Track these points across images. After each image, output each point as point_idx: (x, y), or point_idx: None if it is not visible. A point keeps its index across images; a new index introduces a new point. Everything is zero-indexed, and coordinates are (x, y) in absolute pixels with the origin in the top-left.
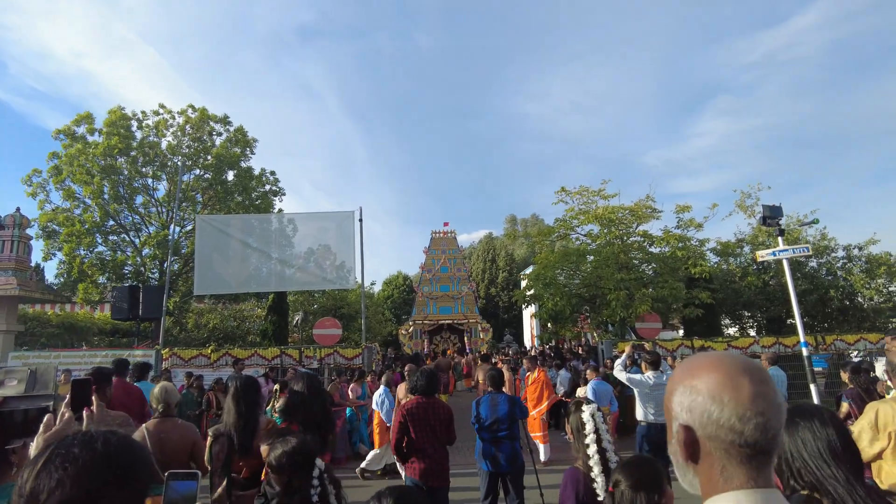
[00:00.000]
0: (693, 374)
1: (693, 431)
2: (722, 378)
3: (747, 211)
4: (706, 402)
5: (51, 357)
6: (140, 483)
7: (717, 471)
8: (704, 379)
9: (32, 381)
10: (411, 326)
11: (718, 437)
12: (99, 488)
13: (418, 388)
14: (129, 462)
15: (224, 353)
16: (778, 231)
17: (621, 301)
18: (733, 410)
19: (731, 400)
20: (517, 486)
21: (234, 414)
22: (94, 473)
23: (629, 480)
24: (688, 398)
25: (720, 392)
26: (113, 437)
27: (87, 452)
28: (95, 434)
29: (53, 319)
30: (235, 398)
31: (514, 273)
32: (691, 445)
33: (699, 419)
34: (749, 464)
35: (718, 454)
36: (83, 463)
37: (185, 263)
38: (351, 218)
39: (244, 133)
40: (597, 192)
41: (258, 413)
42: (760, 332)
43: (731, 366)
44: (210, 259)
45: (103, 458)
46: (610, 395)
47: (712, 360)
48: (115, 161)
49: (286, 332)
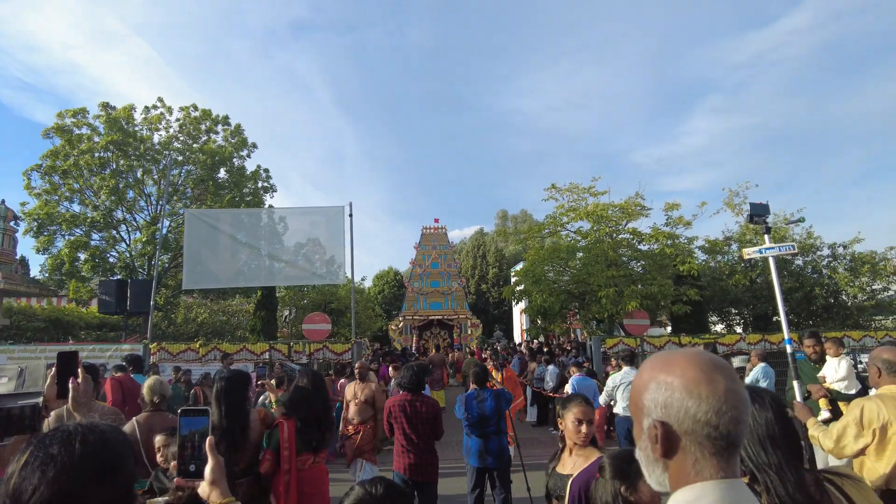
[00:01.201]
0: (667, 371)
1: (670, 427)
2: (697, 374)
3: (735, 209)
4: (683, 398)
5: (37, 351)
6: (122, 479)
7: (689, 464)
8: (679, 375)
9: (22, 378)
10: (401, 322)
11: (695, 431)
12: (80, 488)
13: (404, 385)
14: (109, 459)
15: (213, 348)
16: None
17: (610, 298)
18: (711, 405)
19: (709, 395)
20: (504, 480)
21: (217, 416)
22: (73, 473)
23: (611, 470)
24: (662, 394)
25: (697, 388)
26: (91, 435)
27: (66, 452)
28: (74, 432)
29: (40, 313)
30: (217, 399)
31: (504, 269)
32: (668, 441)
33: (676, 414)
34: (720, 455)
35: (693, 448)
36: (62, 464)
37: (174, 258)
38: (341, 213)
39: (241, 132)
40: (587, 189)
41: (246, 410)
42: (747, 329)
43: (704, 362)
44: (199, 254)
45: (82, 457)
46: (594, 390)
47: (685, 357)
48: (110, 155)
49: (275, 327)
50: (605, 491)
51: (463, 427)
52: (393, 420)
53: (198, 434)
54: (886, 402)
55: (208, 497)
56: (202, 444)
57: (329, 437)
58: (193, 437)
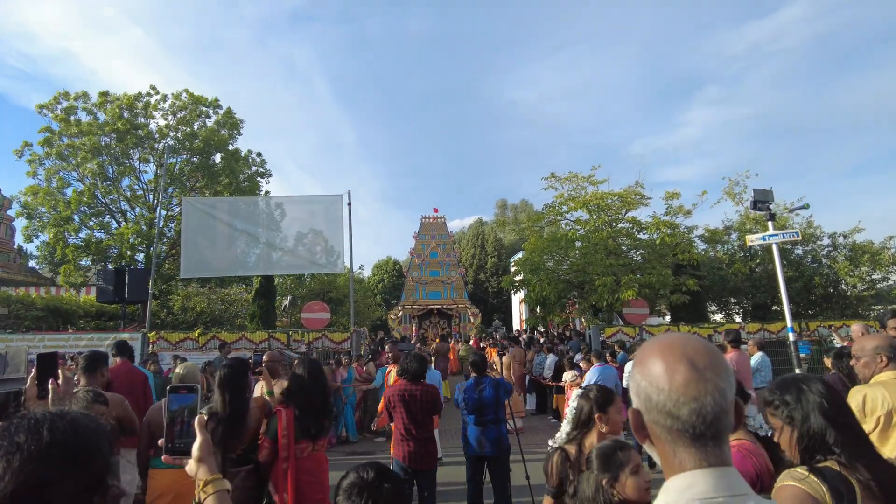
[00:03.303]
0: (642, 360)
1: (640, 415)
2: (661, 364)
3: (735, 198)
4: (647, 388)
5: (35, 340)
6: (95, 466)
7: (669, 454)
8: (648, 365)
9: (3, 364)
10: (400, 311)
11: (659, 421)
12: (47, 477)
13: (405, 372)
14: (79, 447)
15: (211, 337)
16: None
17: (608, 287)
18: (668, 396)
19: (666, 385)
20: (503, 468)
21: (221, 403)
22: (40, 462)
23: (596, 463)
24: (635, 383)
25: (658, 378)
26: (60, 422)
27: (33, 440)
28: (42, 419)
29: (38, 302)
30: (222, 387)
31: (503, 259)
32: (641, 429)
33: (644, 404)
34: (695, 446)
35: (664, 437)
36: (28, 452)
37: (171, 246)
38: (339, 201)
39: (232, 115)
40: (586, 179)
41: (246, 398)
42: (746, 318)
43: (671, 351)
44: (196, 242)
45: (50, 445)
46: (615, 379)
47: (656, 347)
48: (107, 140)
49: (274, 316)
50: (589, 484)
51: (462, 415)
52: (392, 408)
53: (186, 410)
54: (890, 389)
55: (195, 474)
56: (191, 420)
57: (328, 426)
58: (182, 413)
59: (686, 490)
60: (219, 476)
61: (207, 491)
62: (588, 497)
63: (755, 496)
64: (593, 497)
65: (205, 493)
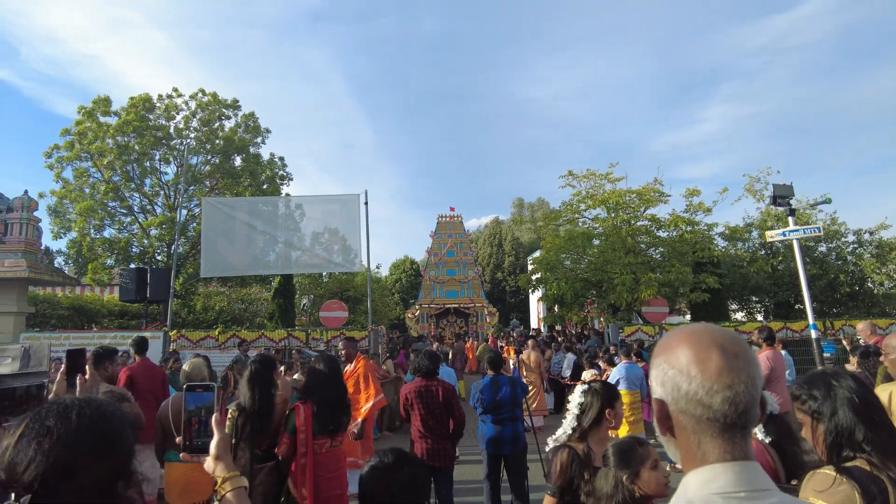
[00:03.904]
0: (667, 349)
1: (666, 405)
2: (691, 352)
3: (756, 195)
4: (676, 376)
5: (61, 338)
6: (120, 452)
7: (693, 445)
8: (676, 353)
9: (26, 358)
10: (418, 310)
11: (688, 411)
12: (76, 460)
13: (419, 370)
14: (106, 432)
15: (231, 335)
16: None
17: (627, 285)
18: (700, 384)
19: (699, 374)
20: (520, 466)
21: (250, 399)
22: (69, 445)
23: (614, 458)
24: (661, 372)
25: (688, 366)
26: (87, 408)
27: (63, 424)
28: (70, 405)
29: (64, 302)
30: (251, 383)
31: (520, 257)
32: (665, 420)
33: (671, 393)
34: (722, 437)
35: (691, 428)
36: (58, 436)
37: (192, 246)
38: (356, 201)
39: (255, 118)
40: (604, 176)
41: (273, 394)
42: (768, 316)
43: (701, 339)
44: (216, 242)
45: (78, 429)
46: (641, 378)
47: (684, 335)
48: (128, 141)
49: (293, 315)
50: (607, 481)
51: (477, 413)
52: (409, 406)
53: (204, 409)
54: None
55: (213, 471)
56: (208, 419)
57: (346, 421)
58: (199, 412)
59: (707, 484)
60: (236, 473)
61: (226, 488)
62: (607, 493)
63: (778, 492)
64: (612, 493)
65: (223, 490)
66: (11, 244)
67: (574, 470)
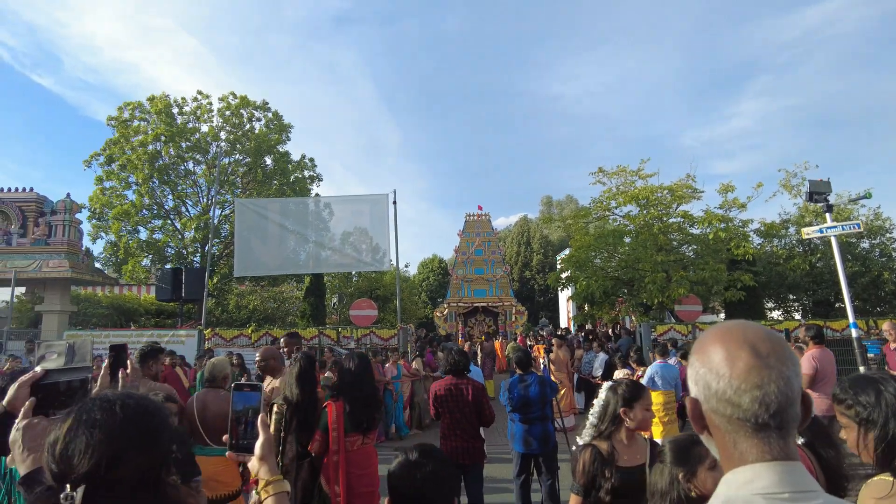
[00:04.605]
0: (701, 348)
1: (699, 404)
2: (722, 350)
3: (792, 191)
4: (706, 375)
5: (101, 336)
6: (161, 445)
7: (729, 445)
8: (708, 352)
9: (71, 354)
10: (446, 309)
11: (718, 410)
12: (123, 450)
13: (448, 369)
14: (148, 425)
15: (264, 333)
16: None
17: (658, 284)
18: (728, 383)
19: (727, 372)
20: (550, 466)
21: (300, 394)
22: (116, 436)
23: (671, 455)
24: (694, 371)
25: (718, 364)
26: (130, 401)
27: (109, 416)
28: (113, 398)
29: (104, 301)
30: (300, 379)
31: (549, 256)
32: (699, 418)
33: (703, 392)
34: (757, 437)
35: (724, 428)
36: (107, 427)
37: (225, 246)
38: (385, 200)
39: (280, 118)
40: (635, 173)
41: (317, 391)
42: (806, 315)
43: (733, 337)
44: (249, 242)
45: (123, 421)
46: (676, 378)
47: (717, 333)
48: (162, 146)
49: (324, 313)
50: (662, 477)
51: (506, 412)
52: (439, 404)
53: (251, 410)
54: None
55: (257, 472)
56: (254, 420)
57: (378, 419)
58: (247, 412)
59: (748, 483)
60: (279, 477)
61: (268, 491)
62: (661, 490)
63: (824, 494)
64: (667, 490)
65: (265, 493)
66: (55, 245)
67: (596, 468)
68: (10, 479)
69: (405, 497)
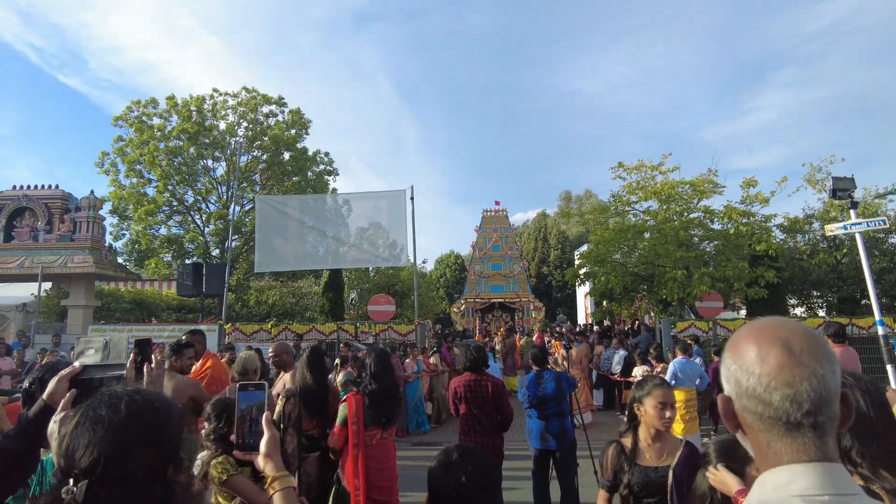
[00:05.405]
0: (734, 345)
1: (731, 402)
2: (754, 347)
3: (817, 185)
4: (737, 372)
5: (124, 331)
6: (166, 441)
7: (763, 444)
8: (740, 349)
9: (107, 350)
10: (463, 304)
11: (749, 408)
12: (126, 448)
13: (467, 365)
14: (154, 422)
15: (284, 328)
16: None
17: (679, 280)
18: (758, 380)
19: (758, 369)
20: (568, 463)
21: (310, 379)
22: (120, 434)
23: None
24: (726, 368)
25: (749, 361)
26: (138, 398)
27: (113, 414)
28: (120, 395)
29: (126, 296)
30: (310, 365)
31: (566, 251)
32: (732, 416)
33: (734, 389)
34: (791, 437)
35: (757, 426)
36: (110, 424)
37: (245, 242)
38: (402, 196)
39: (300, 114)
40: (656, 167)
41: (328, 378)
42: (831, 312)
43: (765, 335)
44: (269, 238)
45: (127, 418)
46: (699, 375)
47: (750, 330)
48: (182, 143)
49: (342, 309)
50: (705, 479)
51: (524, 408)
52: (458, 400)
53: (255, 408)
54: None
55: (263, 469)
56: (259, 418)
57: (398, 413)
58: (251, 410)
59: (785, 485)
60: (285, 473)
61: (275, 487)
62: (703, 491)
63: (866, 497)
64: (710, 493)
65: (272, 490)
66: (79, 241)
67: (618, 464)
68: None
69: (443, 497)
